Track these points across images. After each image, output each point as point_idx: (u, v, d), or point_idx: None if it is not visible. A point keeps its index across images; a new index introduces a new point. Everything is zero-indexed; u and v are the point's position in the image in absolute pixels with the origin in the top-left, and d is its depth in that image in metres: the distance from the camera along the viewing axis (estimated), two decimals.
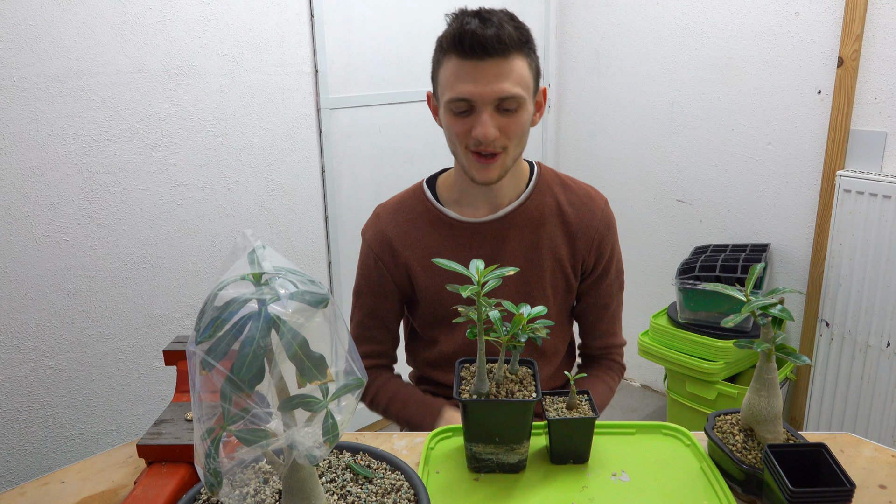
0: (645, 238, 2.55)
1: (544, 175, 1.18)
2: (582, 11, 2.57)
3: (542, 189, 1.16)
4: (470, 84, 0.99)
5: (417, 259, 1.15)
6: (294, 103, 1.99)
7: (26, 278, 1.59)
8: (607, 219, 1.18)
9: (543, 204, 1.15)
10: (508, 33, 0.98)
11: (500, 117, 1.02)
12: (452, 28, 1.00)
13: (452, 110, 1.03)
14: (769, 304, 0.78)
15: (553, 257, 1.15)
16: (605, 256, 1.18)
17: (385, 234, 1.17)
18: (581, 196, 1.18)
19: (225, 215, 1.91)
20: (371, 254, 1.18)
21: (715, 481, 0.84)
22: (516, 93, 1.00)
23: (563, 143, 2.78)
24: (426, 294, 1.17)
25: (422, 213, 1.17)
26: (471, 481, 0.86)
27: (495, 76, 0.99)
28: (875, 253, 1.87)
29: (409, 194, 1.20)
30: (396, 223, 1.17)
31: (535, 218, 1.15)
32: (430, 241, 1.15)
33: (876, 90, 1.85)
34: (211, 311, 0.56)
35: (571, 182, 1.20)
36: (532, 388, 0.86)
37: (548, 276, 1.15)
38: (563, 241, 1.16)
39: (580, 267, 1.18)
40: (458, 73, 1.00)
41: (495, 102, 1.00)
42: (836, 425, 2.04)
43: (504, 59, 0.99)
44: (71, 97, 1.58)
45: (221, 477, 0.58)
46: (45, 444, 1.69)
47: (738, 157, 2.21)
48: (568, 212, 1.16)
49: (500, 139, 1.03)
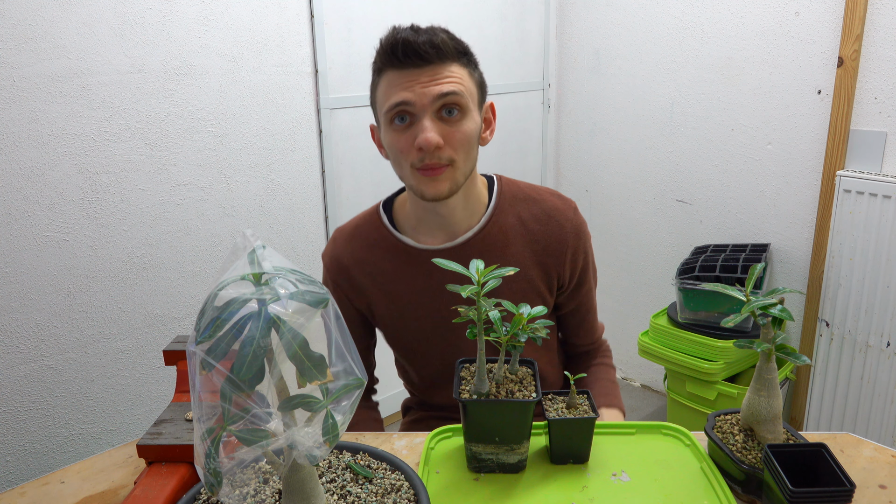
0: (645, 238, 2.55)
1: (505, 192, 1.12)
2: (582, 11, 2.57)
3: (503, 209, 1.10)
4: (408, 91, 0.96)
5: (376, 286, 1.11)
6: (294, 103, 1.99)
7: (26, 278, 1.59)
8: (577, 227, 1.12)
9: (506, 224, 1.09)
10: (442, 40, 0.96)
11: (443, 124, 0.98)
12: (384, 42, 0.98)
13: (392, 121, 0.99)
14: (769, 304, 0.78)
15: (523, 277, 1.10)
16: (579, 266, 1.13)
17: (341, 261, 1.13)
18: (547, 209, 1.11)
19: (225, 215, 1.91)
20: (328, 278, 1.15)
21: (715, 481, 0.84)
22: (456, 90, 0.96)
23: (563, 143, 2.78)
24: (386, 322, 1.14)
25: (377, 239, 1.11)
26: (471, 481, 0.86)
27: (431, 80, 0.96)
28: (875, 253, 1.87)
29: (364, 219, 1.14)
30: (353, 249, 1.12)
31: (497, 241, 1.08)
32: (387, 267, 1.10)
33: (876, 90, 1.85)
34: (211, 311, 0.56)
35: (535, 194, 1.13)
36: (532, 388, 0.86)
37: (519, 297, 1.09)
38: (532, 261, 1.10)
39: (555, 283, 1.13)
40: (394, 83, 0.97)
41: (436, 105, 0.96)
42: (836, 425, 2.04)
43: (441, 64, 0.96)
44: (71, 97, 1.58)
45: (221, 477, 0.58)
46: (45, 444, 1.69)
47: (738, 157, 2.21)
48: (534, 228, 1.10)
49: (445, 150, 0.97)
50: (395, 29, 0.99)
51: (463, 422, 0.86)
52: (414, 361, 1.18)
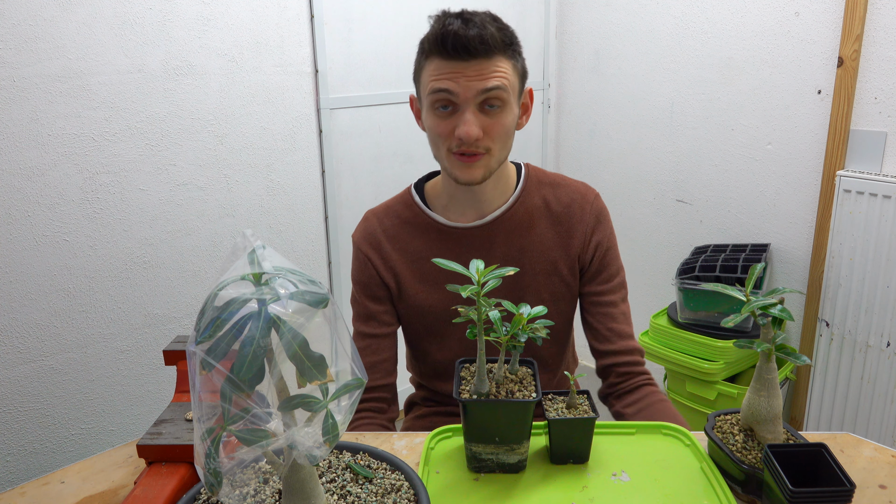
0: (645, 238, 2.55)
1: (532, 176, 1.17)
2: (582, 11, 2.57)
3: (530, 191, 1.15)
4: (453, 82, 0.99)
5: (406, 263, 1.15)
6: (294, 103, 1.99)
7: (26, 278, 1.59)
8: (598, 211, 1.16)
9: (532, 206, 1.14)
10: (491, 34, 0.97)
11: (484, 117, 1.01)
12: (434, 29, 1.00)
13: (435, 106, 1.02)
14: (769, 304, 0.78)
15: (546, 260, 1.14)
16: (602, 248, 1.15)
17: (375, 235, 1.16)
18: (570, 192, 1.16)
19: (225, 215, 1.91)
20: (361, 255, 1.17)
21: (715, 481, 0.84)
22: (500, 86, 0.99)
23: (563, 143, 2.78)
24: (413, 300, 1.15)
25: (410, 217, 1.16)
26: (471, 481, 0.86)
27: (478, 75, 0.99)
28: (875, 253, 1.87)
29: (397, 200, 1.20)
30: (385, 227, 1.16)
31: (523, 221, 1.14)
32: (418, 245, 1.15)
33: (876, 90, 1.85)
34: (211, 311, 0.56)
35: (561, 180, 1.18)
36: (532, 388, 0.86)
37: (542, 280, 1.14)
38: (556, 243, 1.14)
39: (577, 265, 1.16)
40: (441, 70, 1.00)
41: (479, 99, 1.00)
42: (836, 425, 2.04)
43: (487, 59, 0.99)
44: (71, 97, 1.58)
45: (221, 477, 0.58)
46: (45, 444, 1.69)
47: (738, 157, 2.21)
48: (557, 210, 1.15)
49: (484, 140, 1.02)
50: (446, 15, 1.00)
51: (463, 422, 0.86)
52: (432, 344, 1.18)
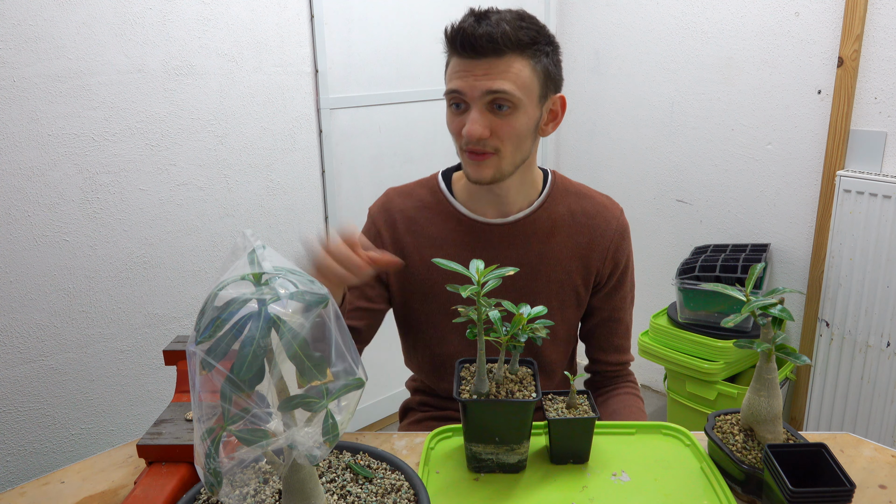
0: (645, 238, 2.55)
1: (558, 183, 1.16)
2: (582, 11, 2.57)
3: (555, 198, 1.14)
4: (462, 80, 0.99)
5: (417, 248, 1.13)
6: (294, 103, 1.99)
7: (26, 278, 1.59)
8: (622, 227, 1.15)
9: (556, 213, 1.13)
10: (503, 32, 0.95)
11: (493, 117, 1.00)
12: (451, 27, 1.00)
13: (450, 103, 1.04)
14: (769, 304, 0.78)
15: (562, 270, 1.12)
16: (620, 266, 1.16)
17: (391, 212, 1.15)
18: (596, 205, 1.15)
19: (225, 215, 1.91)
20: (374, 228, 1.15)
21: (715, 481, 0.84)
22: (505, 88, 0.97)
23: (563, 143, 2.78)
24: (416, 289, 1.14)
25: (431, 203, 1.14)
26: (471, 481, 0.86)
27: (485, 74, 0.98)
28: (875, 253, 1.87)
29: (422, 183, 1.18)
30: (404, 207, 1.15)
31: (545, 228, 1.12)
32: (434, 231, 1.13)
33: (876, 90, 1.85)
34: (211, 311, 0.56)
35: (587, 191, 1.17)
36: (532, 388, 0.86)
37: (554, 288, 1.12)
38: (575, 253, 1.12)
39: (593, 279, 1.15)
40: (455, 68, 1.01)
41: (485, 99, 0.98)
42: (836, 425, 2.04)
43: (497, 58, 0.97)
44: (71, 97, 1.58)
45: (221, 477, 0.58)
46: (45, 444, 1.69)
47: (738, 157, 2.21)
48: (581, 221, 1.13)
49: (492, 140, 1.00)
50: (469, 13, 1.00)
51: (463, 422, 0.86)
52: (433, 337, 1.16)
